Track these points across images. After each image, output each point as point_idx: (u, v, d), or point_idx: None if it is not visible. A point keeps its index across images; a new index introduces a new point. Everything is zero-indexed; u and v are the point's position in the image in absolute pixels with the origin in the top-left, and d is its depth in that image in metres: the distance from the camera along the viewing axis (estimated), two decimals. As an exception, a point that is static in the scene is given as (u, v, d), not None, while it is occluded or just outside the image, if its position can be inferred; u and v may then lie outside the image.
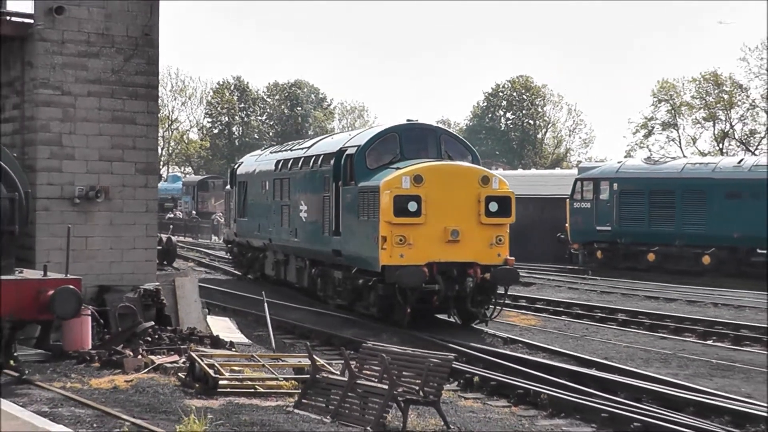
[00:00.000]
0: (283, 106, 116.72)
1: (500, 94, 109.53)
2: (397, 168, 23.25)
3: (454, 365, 14.78)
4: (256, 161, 36.26)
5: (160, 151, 74.77)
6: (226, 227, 41.53)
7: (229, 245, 40.85)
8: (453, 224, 22.53)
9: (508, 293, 24.60)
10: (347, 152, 25.18)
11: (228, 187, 41.67)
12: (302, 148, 30.53)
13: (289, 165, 30.36)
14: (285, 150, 33.40)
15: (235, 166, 39.56)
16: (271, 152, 35.74)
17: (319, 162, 27.29)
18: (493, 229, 22.93)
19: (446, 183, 22.73)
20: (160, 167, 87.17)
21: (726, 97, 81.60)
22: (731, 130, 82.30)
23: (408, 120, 25.75)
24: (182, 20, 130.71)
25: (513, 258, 23.25)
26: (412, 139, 24.78)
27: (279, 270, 32.11)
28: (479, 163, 25.24)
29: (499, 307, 23.55)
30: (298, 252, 29.46)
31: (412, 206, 22.25)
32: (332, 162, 25.83)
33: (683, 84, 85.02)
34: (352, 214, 24.38)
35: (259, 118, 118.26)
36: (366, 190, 23.63)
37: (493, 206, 22.79)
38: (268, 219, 32.19)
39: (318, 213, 26.91)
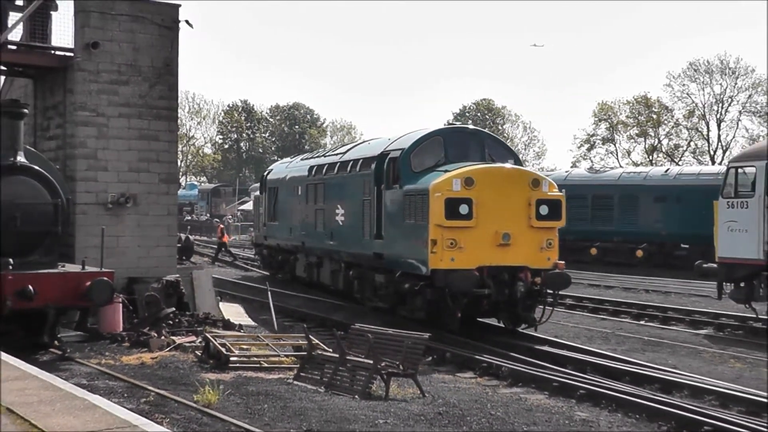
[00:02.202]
0: (283, 125, 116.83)
1: (466, 114, 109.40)
2: (446, 171, 19.60)
3: (428, 344, 14.74)
4: (286, 168, 32.21)
5: (179, 163, 74.58)
6: (255, 230, 38.15)
7: (258, 247, 36.65)
8: (504, 228, 18.94)
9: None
10: (390, 156, 21.44)
11: (257, 192, 37.67)
12: (337, 154, 26.97)
13: (324, 170, 26.58)
14: (318, 156, 29.78)
15: (265, 174, 35.26)
16: (302, 159, 32.02)
17: (358, 166, 23.49)
18: (543, 233, 19.38)
19: (497, 186, 19.18)
20: (180, 177, 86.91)
21: (655, 116, 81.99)
22: (659, 145, 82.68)
23: (450, 123, 23.49)
24: (199, 53, 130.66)
25: (563, 262, 19.70)
26: (456, 143, 21.10)
27: (311, 272, 28.19)
28: (522, 166, 21.63)
29: (550, 309, 19.63)
30: (334, 255, 25.57)
31: (464, 209, 18.69)
32: (373, 166, 22.15)
33: (619, 105, 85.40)
34: (397, 218, 20.66)
35: (263, 135, 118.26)
36: (413, 193, 19.91)
37: (544, 209, 19.34)
38: (301, 222, 28.37)
39: (356, 216, 23.21)
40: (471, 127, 23.03)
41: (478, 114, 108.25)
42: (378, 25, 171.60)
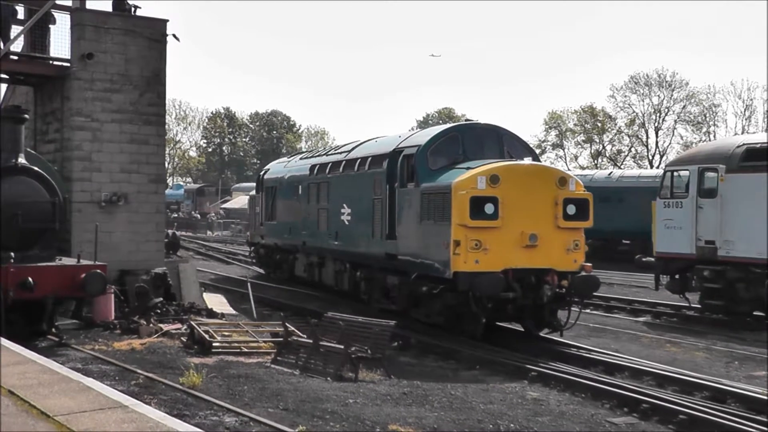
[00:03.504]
0: (262, 131, 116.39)
1: (429, 122, 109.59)
2: (467, 168, 16.94)
3: (394, 330, 14.76)
4: (285, 167, 28.77)
5: (166, 165, 74.17)
6: (250, 229, 35.15)
7: (253, 246, 32.86)
8: (530, 228, 16.41)
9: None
10: (405, 153, 18.62)
11: (253, 192, 34.08)
12: (341, 153, 23.64)
13: (327, 169, 23.43)
14: (319, 155, 26.37)
15: (262, 173, 31.44)
16: (301, 158, 28.44)
17: (367, 164, 20.53)
18: (570, 234, 17.00)
19: (523, 184, 16.53)
20: (167, 178, 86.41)
21: (599, 124, 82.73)
22: (603, 150, 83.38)
23: (467, 120, 20.81)
24: (185, 63, 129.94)
25: (590, 264, 17.31)
26: (473, 139, 18.41)
27: (312, 272, 25.09)
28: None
29: (577, 312, 17.42)
30: (338, 255, 22.60)
31: (489, 208, 16.08)
32: (385, 164, 19.33)
33: (568, 114, 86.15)
34: (413, 217, 17.79)
35: (244, 139, 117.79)
36: (432, 191, 17.09)
37: (571, 209, 16.89)
38: (302, 222, 25.09)
39: (365, 215, 20.26)
40: (488, 123, 20.10)
41: (440, 121, 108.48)
42: (351, 30, 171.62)
